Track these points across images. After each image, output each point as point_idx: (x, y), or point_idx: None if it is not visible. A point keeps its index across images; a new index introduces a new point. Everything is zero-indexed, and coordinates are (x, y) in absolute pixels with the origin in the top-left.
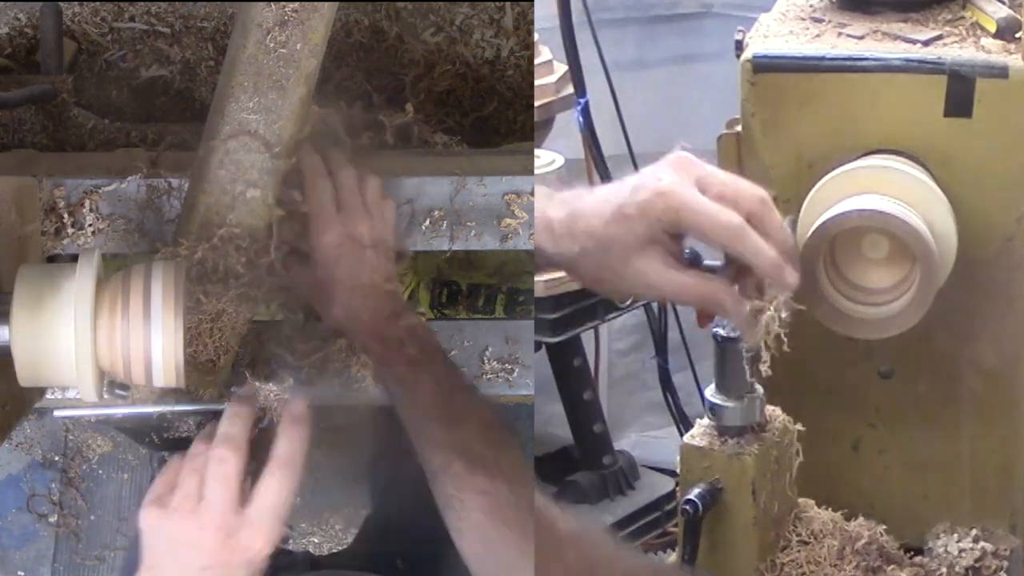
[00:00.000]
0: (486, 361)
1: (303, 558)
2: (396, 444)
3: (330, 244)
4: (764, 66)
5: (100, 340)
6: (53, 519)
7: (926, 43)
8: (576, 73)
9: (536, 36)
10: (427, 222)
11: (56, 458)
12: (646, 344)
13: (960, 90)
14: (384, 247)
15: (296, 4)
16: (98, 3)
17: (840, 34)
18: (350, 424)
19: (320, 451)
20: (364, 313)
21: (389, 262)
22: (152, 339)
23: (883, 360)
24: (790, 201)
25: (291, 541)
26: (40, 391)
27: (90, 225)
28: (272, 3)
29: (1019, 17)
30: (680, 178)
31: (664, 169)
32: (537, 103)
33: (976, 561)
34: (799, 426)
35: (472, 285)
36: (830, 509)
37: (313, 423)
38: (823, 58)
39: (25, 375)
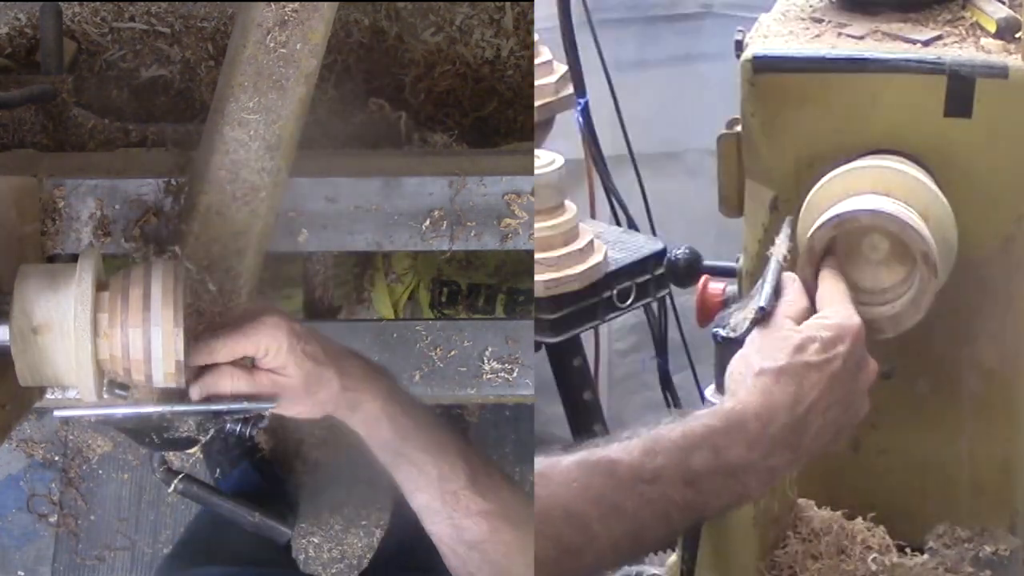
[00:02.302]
0: (486, 361)
1: None
2: None
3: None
4: (764, 66)
5: (100, 340)
6: (53, 519)
7: (926, 43)
8: (576, 73)
9: (536, 36)
10: (427, 222)
11: (56, 458)
12: (646, 344)
13: (960, 90)
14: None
15: (296, 4)
16: (98, 3)
17: (840, 34)
18: None
19: (321, 451)
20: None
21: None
22: (152, 339)
23: (883, 360)
24: (790, 201)
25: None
26: (40, 391)
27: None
28: (272, 3)
29: (1019, 17)
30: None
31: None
32: (537, 103)
33: (975, 561)
34: None
35: (472, 285)
36: (830, 509)
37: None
38: (823, 58)
39: (25, 375)
